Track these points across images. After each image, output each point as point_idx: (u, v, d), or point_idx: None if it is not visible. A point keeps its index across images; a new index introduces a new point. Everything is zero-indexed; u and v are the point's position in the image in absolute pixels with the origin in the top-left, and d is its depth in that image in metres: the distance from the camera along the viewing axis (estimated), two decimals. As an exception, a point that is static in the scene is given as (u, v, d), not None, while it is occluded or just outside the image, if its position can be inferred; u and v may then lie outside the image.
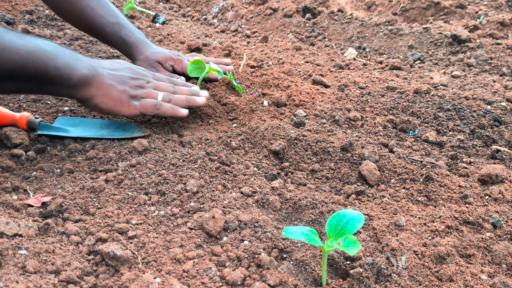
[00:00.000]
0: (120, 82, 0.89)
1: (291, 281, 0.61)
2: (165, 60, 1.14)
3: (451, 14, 2.04)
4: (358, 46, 1.80)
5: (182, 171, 0.80)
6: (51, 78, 0.78)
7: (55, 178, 0.81)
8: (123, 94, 0.88)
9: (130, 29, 1.17)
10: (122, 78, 0.90)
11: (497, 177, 0.86)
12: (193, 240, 0.66)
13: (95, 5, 1.13)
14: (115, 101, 0.88)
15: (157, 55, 1.14)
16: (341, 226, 0.58)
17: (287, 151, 0.93)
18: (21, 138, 0.90)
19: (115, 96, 0.87)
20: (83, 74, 0.83)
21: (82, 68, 0.83)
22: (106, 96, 0.86)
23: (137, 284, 0.55)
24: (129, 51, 1.17)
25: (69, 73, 0.80)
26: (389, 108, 1.16)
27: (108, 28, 1.14)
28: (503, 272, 0.67)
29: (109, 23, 1.14)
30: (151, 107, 0.91)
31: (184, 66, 1.14)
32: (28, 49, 0.74)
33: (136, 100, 0.90)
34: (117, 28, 1.14)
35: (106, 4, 1.16)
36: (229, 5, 2.25)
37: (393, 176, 0.88)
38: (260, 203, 0.76)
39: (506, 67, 1.51)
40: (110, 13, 1.15)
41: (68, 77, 0.80)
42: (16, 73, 0.73)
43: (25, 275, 0.54)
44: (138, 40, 1.16)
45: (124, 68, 0.94)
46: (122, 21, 1.16)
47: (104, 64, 0.91)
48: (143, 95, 0.92)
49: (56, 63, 0.78)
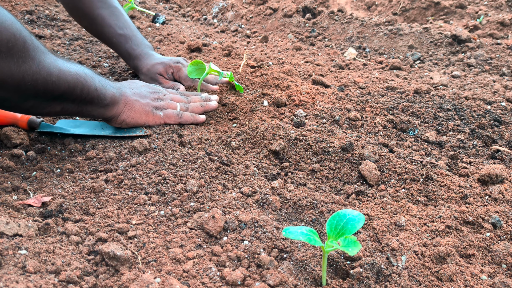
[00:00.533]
0: (142, 96, 0.97)
1: (291, 281, 0.61)
2: (165, 70, 1.18)
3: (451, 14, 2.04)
4: (358, 46, 1.80)
5: (182, 171, 0.80)
6: (91, 98, 0.85)
7: (55, 178, 0.81)
8: (147, 106, 0.96)
9: (136, 41, 1.20)
10: (142, 93, 0.99)
11: (497, 177, 0.86)
12: (193, 240, 0.66)
13: (106, 14, 1.17)
14: (140, 113, 0.95)
15: (158, 67, 1.17)
16: (341, 226, 0.58)
17: (287, 151, 0.93)
18: (21, 138, 0.90)
19: (140, 109, 0.95)
20: (113, 93, 0.90)
21: (112, 88, 0.91)
22: (132, 110, 0.94)
23: (137, 284, 0.55)
24: (133, 64, 1.21)
25: (104, 93, 0.87)
26: (389, 108, 1.16)
27: (115, 39, 1.18)
28: (503, 272, 0.67)
29: (116, 34, 1.18)
30: (174, 116, 0.99)
31: (181, 76, 1.18)
32: (76, 72, 0.81)
33: (160, 110, 0.98)
34: (123, 40, 1.19)
35: (117, 14, 1.19)
36: (229, 5, 2.25)
37: (393, 176, 0.88)
38: (260, 203, 0.76)
39: (506, 67, 1.51)
40: (119, 24, 1.18)
41: (104, 97, 0.87)
42: (67, 94, 0.79)
43: (25, 275, 0.54)
44: (142, 53, 1.20)
45: (141, 86, 1.02)
46: (129, 33, 1.20)
47: (125, 84, 0.99)
48: (165, 106, 1.00)
49: (95, 84, 0.85)
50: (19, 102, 0.74)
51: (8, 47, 0.66)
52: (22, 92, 0.72)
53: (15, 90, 0.70)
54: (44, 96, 0.76)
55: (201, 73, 1.11)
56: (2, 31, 0.65)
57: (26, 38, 0.69)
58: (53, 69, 0.75)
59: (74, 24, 1.65)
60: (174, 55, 1.51)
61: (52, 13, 1.69)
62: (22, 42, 0.68)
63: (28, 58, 0.70)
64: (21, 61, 0.68)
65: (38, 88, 0.73)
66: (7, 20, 0.66)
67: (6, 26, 0.65)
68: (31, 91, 0.72)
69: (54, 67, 0.75)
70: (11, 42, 0.66)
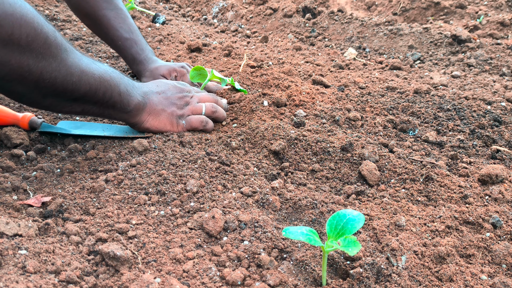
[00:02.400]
0: (168, 104, 0.95)
1: (291, 281, 0.61)
2: (168, 72, 1.17)
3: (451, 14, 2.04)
4: (358, 46, 1.80)
5: (182, 171, 0.80)
6: (113, 103, 0.83)
7: (55, 178, 0.81)
8: (172, 116, 0.94)
9: (141, 46, 1.20)
10: (169, 99, 0.96)
11: (497, 177, 0.86)
12: (193, 240, 0.66)
13: (112, 16, 1.17)
14: (165, 123, 0.94)
15: (161, 69, 1.17)
16: (341, 226, 0.58)
17: (287, 151, 0.93)
18: (21, 138, 0.90)
19: (164, 119, 0.93)
20: (138, 101, 0.88)
21: (137, 95, 0.89)
22: (156, 120, 0.93)
23: (137, 284, 0.55)
24: (136, 68, 1.21)
25: (128, 99, 0.86)
26: (389, 108, 1.16)
27: (121, 42, 1.18)
28: (503, 272, 0.67)
29: (122, 38, 1.18)
30: (198, 123, 0.97)
31: (185, 80, 1.17)
32: (100, 74, 0.79)
33: (183, 118, 0.96)
34: (129, 45, 1.18)
35: (123, 17, 1.19)
36: (229, 5, 2.26)
37: (393, 176, 0.88)
38: (260, 203, 0.76)
39: (506, 67, 1.51)
40: (125, 28, 1.18)
41: (127, 103, 0.86)
42: (88, 96, 0.78)
43: (25, 275, 0.54)
44: (146, 58, 1.20)
45: (169, 88, 0.98)
46: (136, 38, 1.20)
47: (152, 88, 0.96)
48: (189, 113, 0.97)
49: (119, 89, 0.83)
50: (38, 99, 0.73)
51: (28, 41, 0.64)
52: (40, 89, 0.70)
53: (34, 86, 0.69)
54: (63, 95, 0.74)
55: (203, 78, 1.11)
56: (23, 25, 0.63)
57: (49, 34, 0.68)
58: (74, 69, 0.73)
59: (74, 24, 1.65)
60: (174, 55, 1.51)
61: (52, 13, 1.69)
62: (43, 38, 0.67)
63: (49, 55, 0.68)
64: (40, 57, 0.67)
65: (57, 86, 0.72)
66: (29, 14, 0.65)
67: (27, 20, 0.64)
68: (50, 89, 0.71)
69: (76, 67, 0.74)
70: (31, 37, 0.64)
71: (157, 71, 1.17)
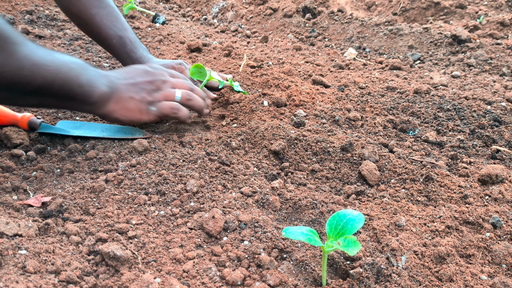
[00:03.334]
0: (137, 91, 0.90)
1: (291, 281, 0.61)
2: (166, 67, 1.15)
3: (451, 14, 2.04)
4: (358, 46, 1.80)
5: (182, 171, 0.80)
6: (74, 95, 0.80)
7: (55, 178, 0.81)
8: (141, 103, 0.89)
9: (135, 44, 1.18)
10: (138, 85, 0.90)
11: (497, 177, 0.86)
12: (193, 240, 0.66)
13: (104, 14, 1.14)
14: (134, 111, 0.89)
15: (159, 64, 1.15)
16: (341, 226, 0.58)
17: (287, 151, 0.93)
18: (21, 138, 0.90)
19: (134, 107, 0.89)
20: (103, 91, 0.84)
21: (102, 85, 0.84)
22: (125, 109, 0.88)
23: (137, 284, 0.55)
24: None
25: (91, 90, 0.82)
26: (389, 108, 1.16)
27: (115, 41, 1.15)
28: (503, 272, 0.67)
29: (116, 36, 1.15)
30: (168, 109, 0.92)
31: (185, 75, 1.15)
32: (57, 66, 0.76)
33: (154, 105, 0.91)
34: (123, 43, 1.15)
35: (115, 16, 1.17)
36: (229, 5, 2.26)
37: (393, 176, 0.88)
38: (260, 203, 0.76)
39: (506, 67, 1.51)
40: (118, 26, 1.16)
41: (89, 95, 0.82)
42: (43, 89, 0.75)
43: (25, 275, 0.54)
44: (142, 56, 1.17)
45: (139, 73, 0.93)
46: (130, 35, 1.18)
47: (120, 75, 0.91)
48: (161, 98, 0.92)
49: (80, 80, 0.80)
50: None
51: None
52: None
53: None
54: (15, 89, 0.72)
55: (203, 76, 1.11)
56: None
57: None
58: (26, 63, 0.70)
59: (74, 24, 1.65)
60: (174, 55, 1.51)
61: (52, 13, 1.69)
62: None
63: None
64: None
65: (7, 80, 0.69)
66: None
67: None
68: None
69: (28, 60, 0.71)
70: None
71: None
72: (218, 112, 1.12)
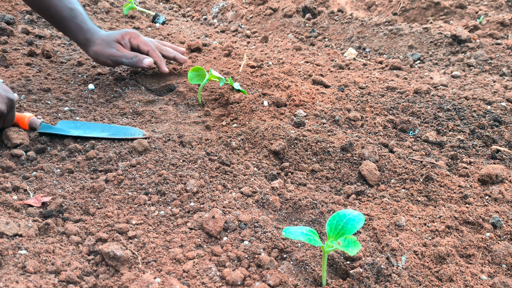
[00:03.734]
0: None
1: (291, 281, 0.61)
2: (121, 37, 1.19)
3: (451, 14, 2.04)
4: (358, 46, 1.80)
5: (182, 171, 0.80)
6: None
7: (55, 178, 0.81)
8: None
9: (84, 17, 1.22)
10: None
11: (497, 177, 0.86)
12: (193, 240, 0.66)
13: None
14: None
15: (114, 35, 1.19)
16: (341, 226, 0.58)
17: (287, 151, 0.93)
18: (21, 138, 0.90)
19: None
20: None
21: None
22: None
23: (137, 284, 0.55)
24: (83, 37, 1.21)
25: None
26: (389, 108, 1.16)
27: (65, 12, 1.18)
28: (503, 272, 0.67)
29: (66, 8, 1.18)
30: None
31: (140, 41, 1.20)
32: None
33: None
34: (74, 14, 1.19)
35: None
36: (229, 5, 2.26)
37: (393, 176, 0.88)
38: (260, 203, 0.76)
39: (506, 67, 1.51)
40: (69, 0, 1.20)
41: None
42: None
43: (25, 275, 0.54)
44: (93, 27, 1.21)
45: None
46: (80, 8, 1.22)
47: None
48: None
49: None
50: None
51: None
52: None
53: None
54: None
55: (201, 79, 1.11)
56: None
57: None
58: None
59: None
60: (174, 55, 1.50)
61: (52, 13, 1.69)
62: None
63: None
64: None
65: None
66: None
67: None
68: None
69: None
70: None
71: (109, 37, 1.18)
72: (218, 112, 1.12)
